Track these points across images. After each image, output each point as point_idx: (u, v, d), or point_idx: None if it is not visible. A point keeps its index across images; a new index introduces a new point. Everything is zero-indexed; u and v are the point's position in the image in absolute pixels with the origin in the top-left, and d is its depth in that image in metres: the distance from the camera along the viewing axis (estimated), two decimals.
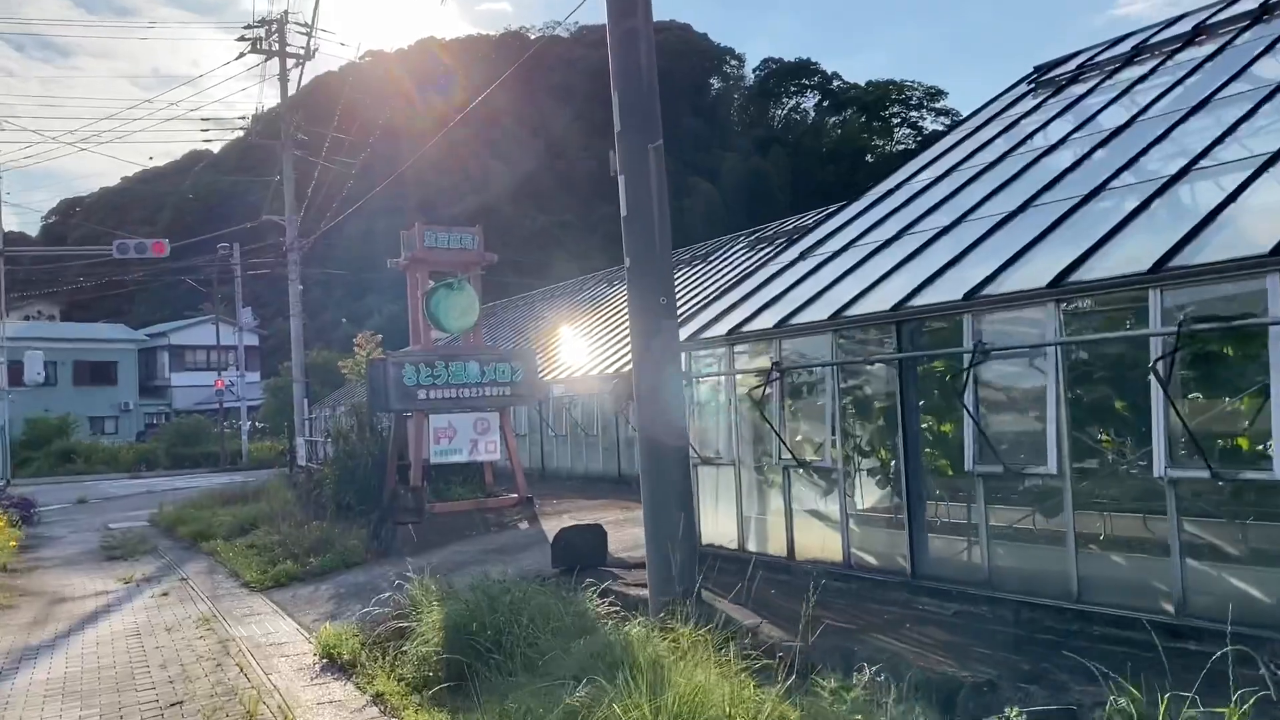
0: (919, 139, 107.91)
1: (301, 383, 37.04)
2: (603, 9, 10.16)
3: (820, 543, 10.52)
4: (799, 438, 10.90)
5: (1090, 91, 13.53)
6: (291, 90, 41.97)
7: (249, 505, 24.24)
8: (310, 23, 39.47)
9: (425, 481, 19.29)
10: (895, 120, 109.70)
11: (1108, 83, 13.46)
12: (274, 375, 62.67)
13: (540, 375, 22.91)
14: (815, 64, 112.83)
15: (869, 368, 10.08)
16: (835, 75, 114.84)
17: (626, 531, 14.68)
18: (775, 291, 12.23)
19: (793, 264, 13.08)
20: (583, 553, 12.27)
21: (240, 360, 58.97)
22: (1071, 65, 15.22)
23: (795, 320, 10.78)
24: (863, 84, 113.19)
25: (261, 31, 41.81)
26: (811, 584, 8.78)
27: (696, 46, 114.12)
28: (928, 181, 13.14)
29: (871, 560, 9.99)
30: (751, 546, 11.50)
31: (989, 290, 8.74)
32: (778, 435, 10.76)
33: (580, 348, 25.26)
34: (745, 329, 11.55)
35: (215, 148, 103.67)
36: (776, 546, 11.04)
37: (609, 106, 10.00)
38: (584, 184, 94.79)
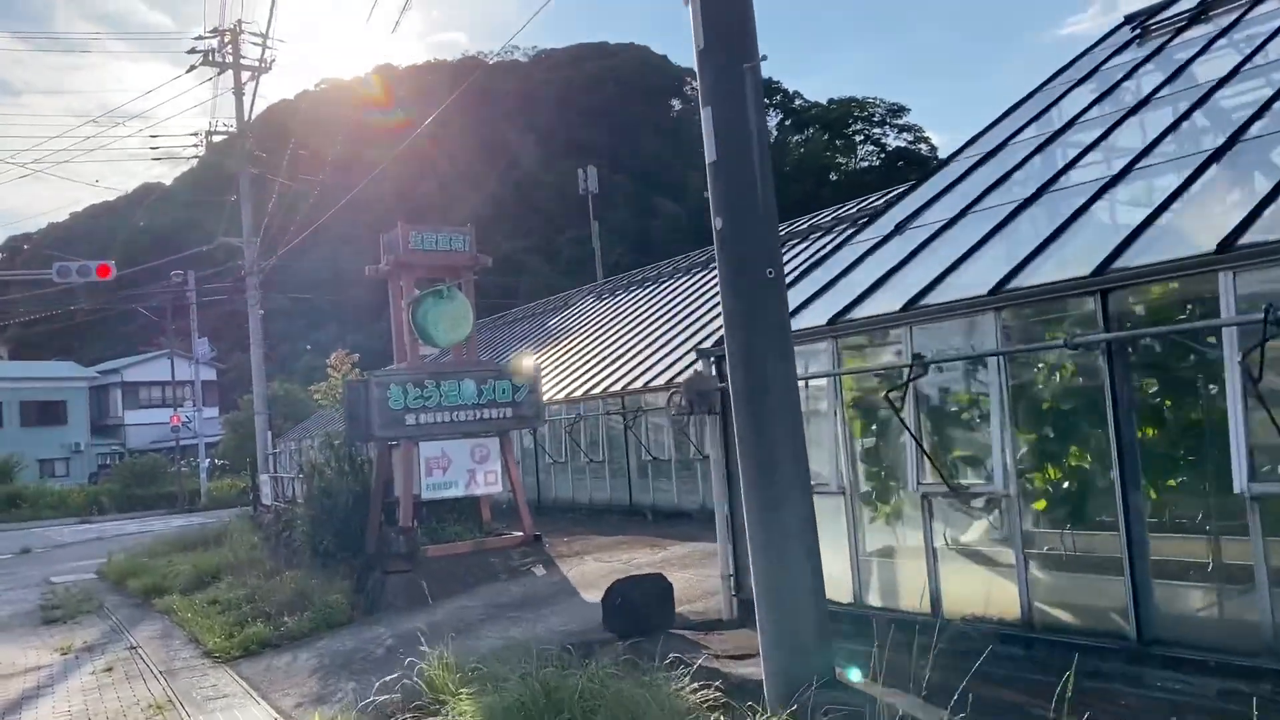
0: (882, 155, 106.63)
1: (264, 415, 33.92)
2: (550, 31, 7.46)
3: (982, 594, 7.84)
4: (946, 454, 8.20)
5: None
6: (246, 111, 39.02)
7: (210, 552, 21.29)
8: (265, 32, 36.31)
9: (416, 521, 16.39)
10: (859, 138, 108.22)
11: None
12: (233, 410, 59.12)
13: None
14: (776, 82, 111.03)
15: (1049, 358, 7.44)
16: (797, 94, 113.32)
17: (677, 577, 11.92)
18: (877, 272, 9.60)
19: (885, 240, 10.46)
20: (643, 611, 9.51)
21: (197, 395, 55.52)
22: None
23: (934, 299, 8.12)
24: (824, 102, 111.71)
25: (214, 42, 38.83)
26: (968, 649, 6.15)
27: (657, 67, 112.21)
28: (1051, 132, 10.59)
29: (1066, 618, 7.31)
30: (874, 600, 8.80)
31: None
32: (921, 450, 8.06)
33: (584, 362, 22.54)
34: (855, 315, 8.89)
35: (168, 180, 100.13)
36: (912, 599, 8.34)
37: (571, 129, 7.36)
38: (548, 208, 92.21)
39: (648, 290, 27.19)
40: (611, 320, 25.92)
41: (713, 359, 10.46)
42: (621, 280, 31.96)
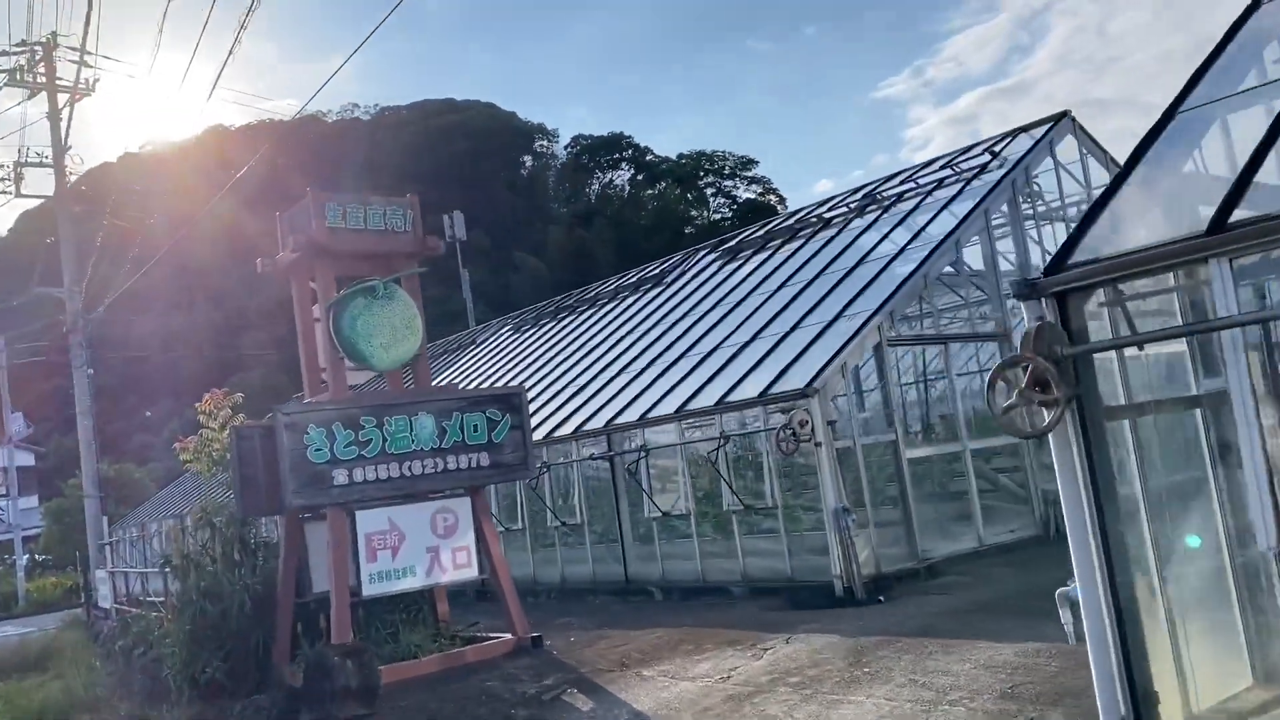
0: (735, 206, 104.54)
1: (96, 498, 26.91)
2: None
3: None
4: None
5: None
6: (64, 136, 31.93)
7: (33, 681, 14.82)
8: (82, 45, 29.36)
9: (354, 633, 10.62)
10: (710, 190, 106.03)
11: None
12: (57, 497, 49.99)
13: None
14: (628, 137, 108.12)
15: None
16: (647, 149, 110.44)
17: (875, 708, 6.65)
18: None
19: None
20: None
21: (12, 482, 46.51)
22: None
23: None
24: (674, 157, 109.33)
25: (23, 60, 31.74)
26: None
27: (506, 124, 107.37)
28: None
29: None
30: None
31: None
32: None
33: (534, 400, 16.97)
34: None
35: None
36: None
37: (423, 185, 2.69)
38: None
39: (584, 317, 21.98)
40: (556, 350, 20.52)
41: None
42: (531, 313, 26.58)
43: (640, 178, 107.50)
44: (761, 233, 20.35)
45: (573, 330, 21.79)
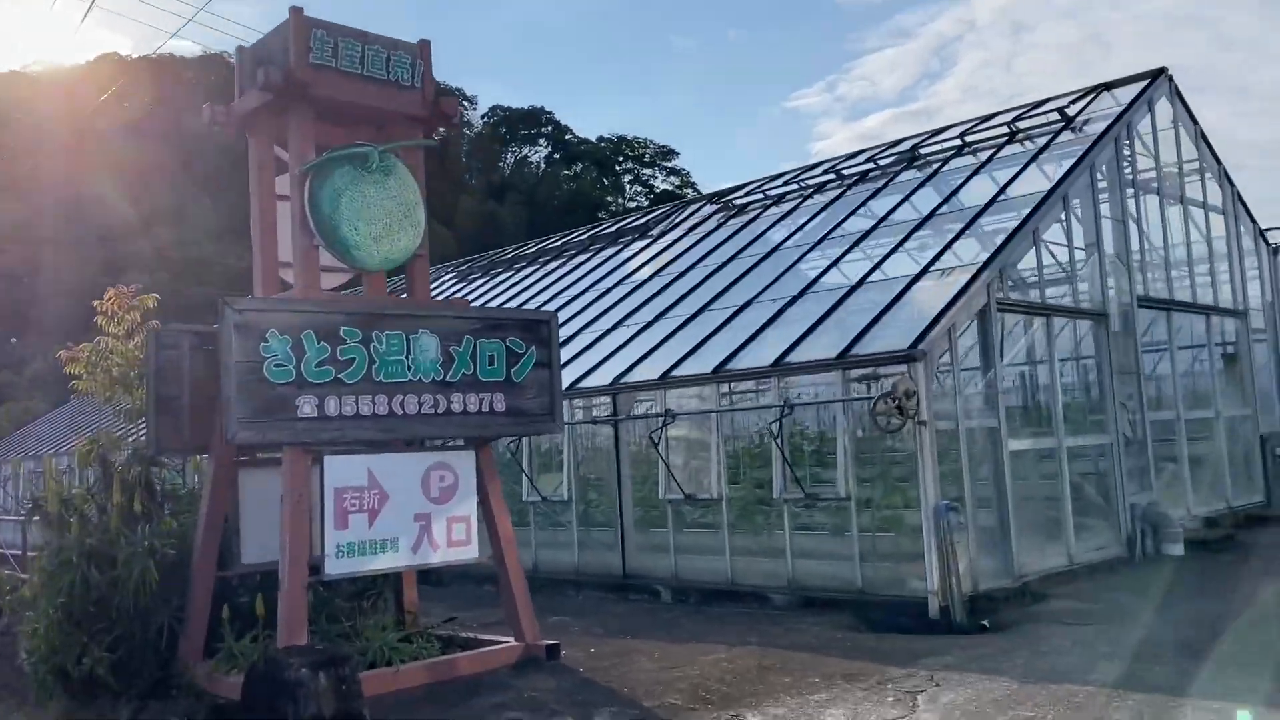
0: (651, 196, 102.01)
1: None
2: None
3: None
4: None
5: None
6: None
7: None
8: None
9: (312, 632, 7.50)
10: (628, 177, 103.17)
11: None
12: None
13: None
14: (548, 112, 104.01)
15: None
16: (567, 128, 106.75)
17: None
18: None
19: None
20: None
21: None
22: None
23: None
24: (594, 139, 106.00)
25: None
26: None
27: None
28: None
29: None
30: None
31: None
32: None
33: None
34: None
35: None
36: None
37: None
38: None
39: (555, 267, 18.89)
40: (527, 299, 17.32)
41: None
42: (482, 260, 23.29)
43: (558, 156, 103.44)
44: (780, 185, 17.58)
45: (545, 278, 18.68)
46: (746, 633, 8.97)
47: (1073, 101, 14.16)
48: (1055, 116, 14.05)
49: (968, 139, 14.95)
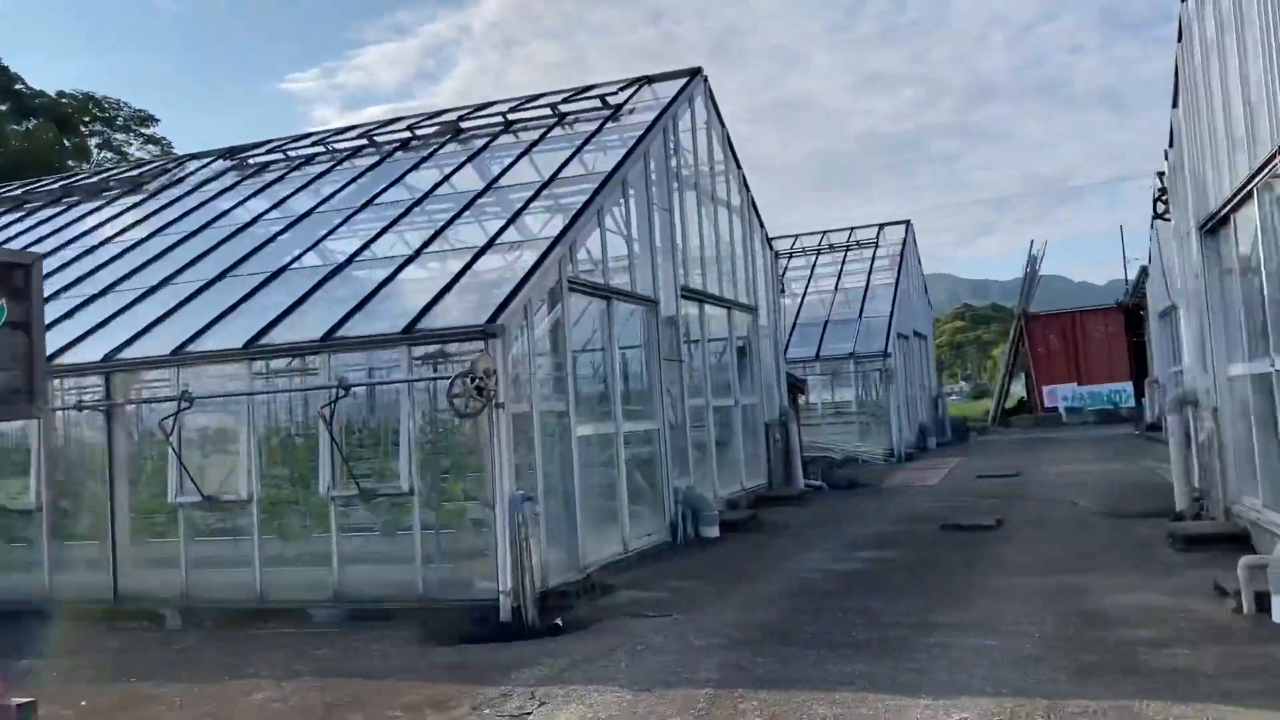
0: (122, 164, 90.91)
1: None
2: None
3: None
4: None
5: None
6: None
7: None
8: None
9: None
10: (96, 141, 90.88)
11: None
12: None
13: None
14: None
15: None
16: (19, 77, 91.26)
17: None
18: None
19: None
20: None
21: None
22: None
23: None
24: (54, 94, 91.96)
25: None
26: None
27: None
28: None
29: None
30: None
31: None
32: None
33: None
34: None
35: None
36: None
37: None
38: None
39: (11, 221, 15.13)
40: None
41: None
42: None
43: (5, 108, 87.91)
44: (308, 145, 15.64)
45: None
46: (294, 660, 7.37)
47: (619, 90, 14.16)
48: (599, 104, 13.99)
49: (511, 118, 14.40)
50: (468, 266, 9.49)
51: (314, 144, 15.58)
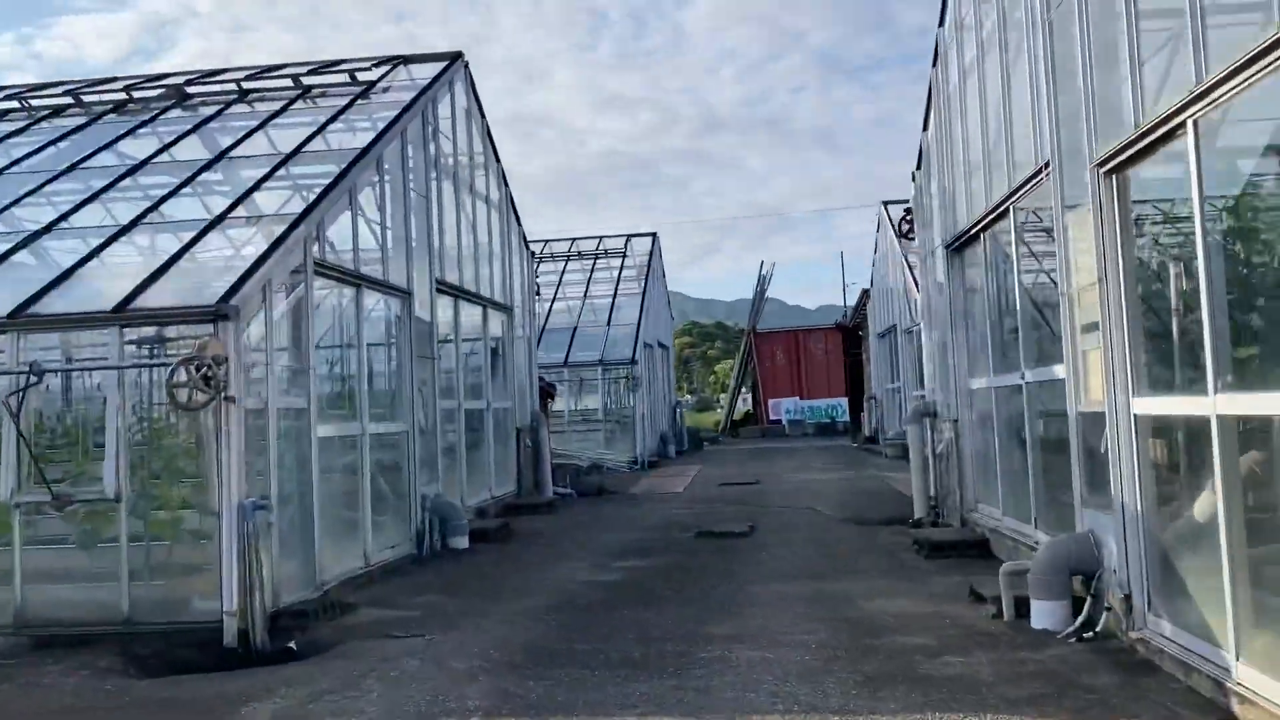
0: None
1: None
2: None
3: None
4: None
5: None
6: None
7: None
8: None
9: None
10: None
11: None
12: None
13: None
14: None
15: None
16: None
17: None
18: None
19: None
20: None
21: None
22: None
23: None
24: None
25: None
26: None
27: None
28: None
29: None
30: None
31: None
32: None
33: None
34: None
35: None
36: None
37: None
38: None
39: None
40: None
41: None
42: None
43: None
44: None
45: None
46: None
47: (371, 67, 13.15)
48: (348, 79, 12.95)
49: (247, 86, 13.06)
50: (193, 242, 8.28)
51: (6, 98, 13.47)
